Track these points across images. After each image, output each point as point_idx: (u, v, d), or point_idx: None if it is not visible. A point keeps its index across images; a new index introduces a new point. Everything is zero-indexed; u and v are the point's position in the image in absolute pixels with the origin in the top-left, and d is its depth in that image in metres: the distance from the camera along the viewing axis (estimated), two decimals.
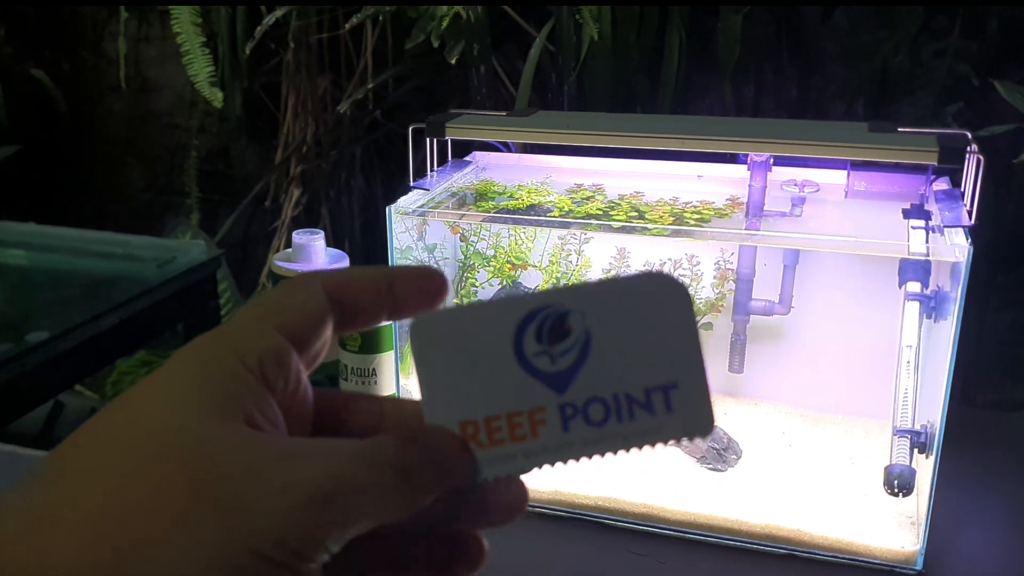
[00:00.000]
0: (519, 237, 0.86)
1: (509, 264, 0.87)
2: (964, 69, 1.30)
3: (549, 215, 0.80)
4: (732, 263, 0.85)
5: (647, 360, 0.28)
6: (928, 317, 0.75)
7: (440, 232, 0.89)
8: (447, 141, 0.87)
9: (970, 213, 0.70)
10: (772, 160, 0.82)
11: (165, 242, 1.22)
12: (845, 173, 0.84)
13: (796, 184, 0.84)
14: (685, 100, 1.35)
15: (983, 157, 0.68)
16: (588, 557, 0.76)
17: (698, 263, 0.85)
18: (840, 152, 0.74)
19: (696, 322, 0.28)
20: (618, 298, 0.29)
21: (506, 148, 0.92)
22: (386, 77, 1.45)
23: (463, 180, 0.89)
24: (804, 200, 0.83)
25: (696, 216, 0.81)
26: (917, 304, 0.75)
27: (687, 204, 0.83)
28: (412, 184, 0.83)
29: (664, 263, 0.85)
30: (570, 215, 0.79)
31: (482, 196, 0.86)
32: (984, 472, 0.85)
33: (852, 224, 0.81)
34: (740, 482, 0.80)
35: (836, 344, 0.87)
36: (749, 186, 0.82)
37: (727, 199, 0.84)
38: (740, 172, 0.84)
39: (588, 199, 0.84)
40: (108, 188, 1.78)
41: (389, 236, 0.79)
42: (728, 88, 1.32)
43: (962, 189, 0.74)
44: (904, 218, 0.77)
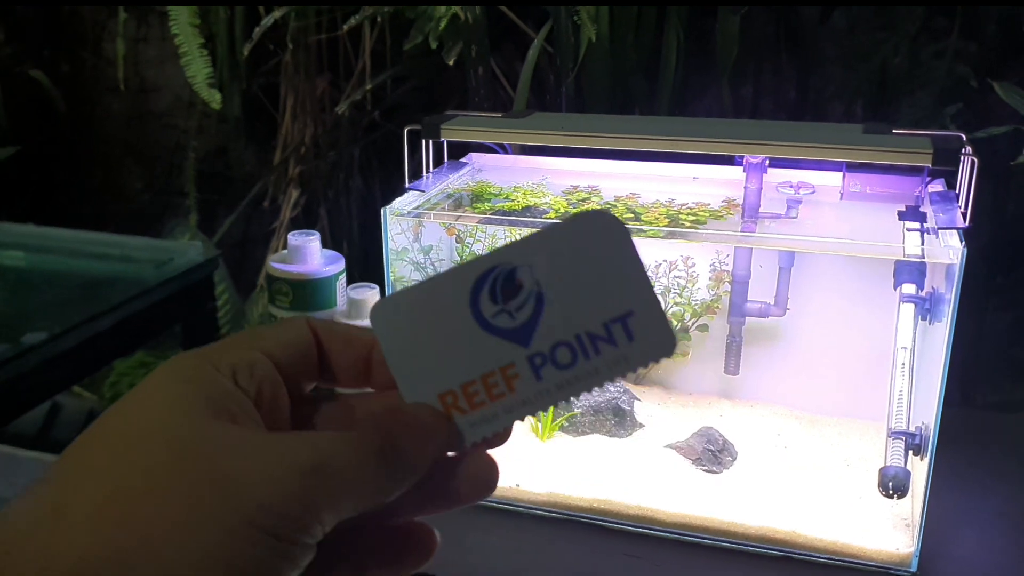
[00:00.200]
0: (515, 239, 0.86)
1: None
2: (963, 70, 1.30)
3: (545, 217, 0.80)
4: (728, 265, 0.85)
5: (599, 296, 0.29)
6: (923, 319, 0.75)
7: (436, 233, 0.89)
8: (443, 143, 0.87)
9: (964, 215, 0.70)
10: (768, 162, 0.82)
11: (162, 243, 1.22)
12: (841, 175, 0.83)
13: (792, 186, 0.84)
14: (683, 101, 1.35)
15: (977, 159, 0.68)
16: (583, 559, 0.76)
17: (693, 265, 0.85)
18: (834, 154, 0.73)
19: (637, 250, 0.29)
20: (559, 244, 0.29)
21: (502, 150, 0.92)
22: (384, 78, 1.45)
23: (459, 181, 0.89)
24: (800, 202, 0.83)
25: (692, 218, 0.81)
26: (912, 306, 0.75)
27: (683, 206, 0.83)
28: (408, 185, 0.83)
29: (659, 264, 0.85)
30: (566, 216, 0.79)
31: (478, 198, 0.86)
32: (981, 474, 0.85)
33: (847, 226, 0.81)
34: (735, 484, 0.80)
35: (832, 346, 0.87)
36: (745, 188, 0.82)
37: (723, 201, 0.84)
38: (736, 174, 0.84)
39: (584, 201, 0.84)
40: (107, 189, 1.79)
41: (384, 237, 0.79)
42: (726, 89, 1.32)
43: (957, 191, 0.74)
44: (899, 220, 0.77)
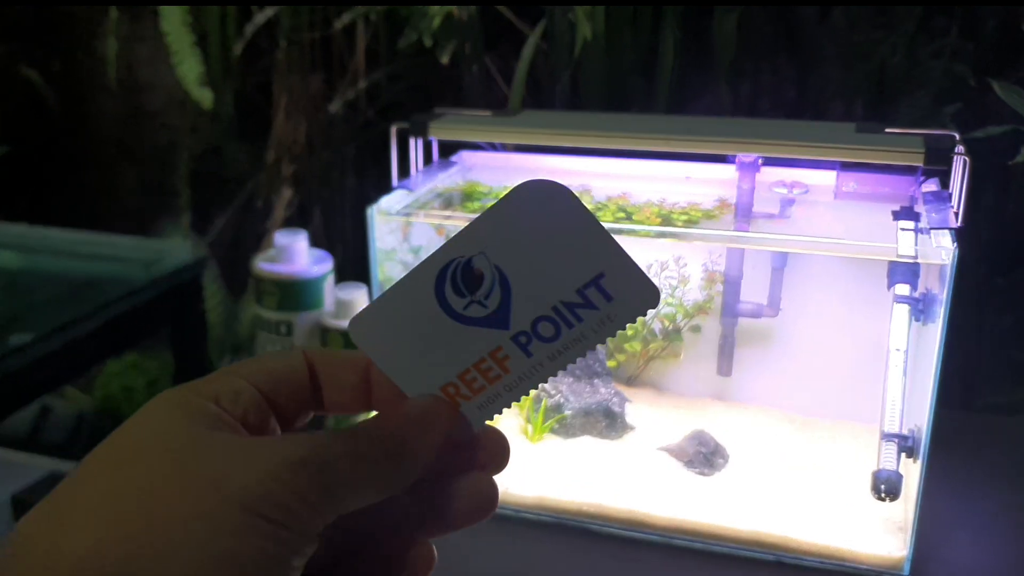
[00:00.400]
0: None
1: None
2: (961, 69, 1.29)
3: None
4: (720, 265, 0.84)
5: (564, 264, 0.29)
6: (917, 320, 0.74)
7: (426, 233, 0.88)
8: (433, 141, 0.86)
9: (957, 215, 0.69)
10: (761, 161, 0.81)
11: (151, 243, 1.21)
12: (835, 174, 0.82)
13: (785, 185, 0.83)
14: (681, 100, 1.33)
15: (970, 159, 0.67)
16: (573, 564, 0.75)
17: (685, 265, 0.84)
18: (825, 153, 0.73)
19: (590, 211, 0.29)
20: (506, 222, 0.29)
21: (493, 148, 0.91)
22: (379, 77, 1.44)
23: (448, 180, 0.88)
24: (793, 201, 0.82)
25: (684, 218, 0.81)
26: (906, 307, 0.74)
27: (675, 205, 0.82)
28: (395, 184, 0.82)
29: (651, 265, 0.84)
30: None
31: (468, 197, 0.85)
32: (976, 477, 0.84)
33: (841, 226, 0.80)
34: (727, 487, 0.79)
35: (825, 347, 0.86)
36: (738, 187, 0.82)
37: (716, 200, 0.83)
38: (729, 173, 0.83)
39: None
40: (101, 188, 1.78)
41: (370, 237, 0.78)
42: (724, 88, 1.31)
43: (951, 190, 0.73)
44: (894, 220, 0.76)
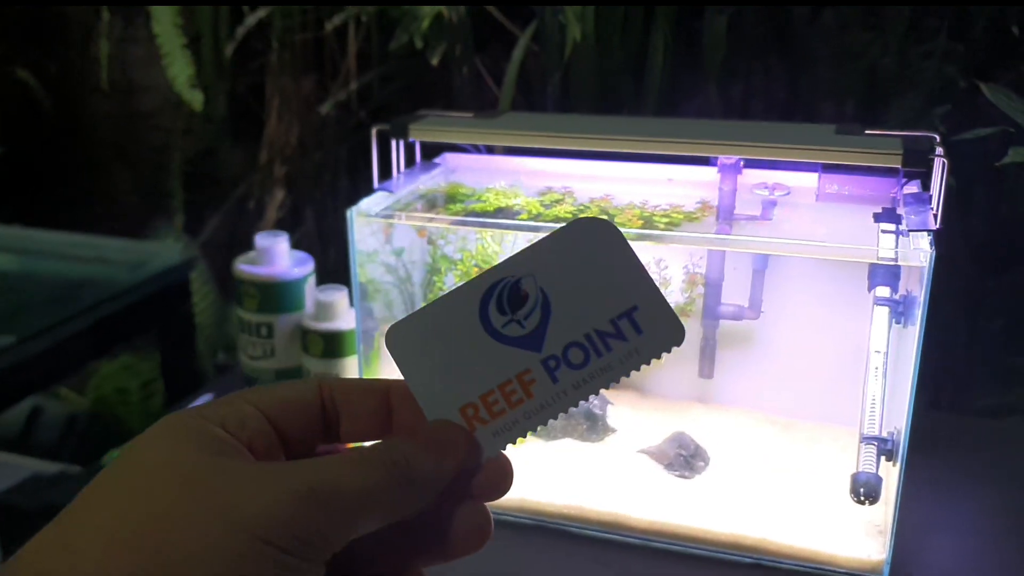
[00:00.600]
0: (487, 240, 0.86)
1: (476, 268, 0.86)
2: (952, 71, 1.28)
3: (518, 218, 0.79)
4: (701, 267, 0.84)
5: (603, 295, 0.31)
6: (897, 322, 0.74)
7: (408, 236, 0.88)
8: (415, 143, 0.86)
9: (936, 217, 0.69)
10: (742, 163, 0.81)
11: (139, 245, 1.21)
12: (817, 176, 0.82)
13: (767, 187, 0.83)
14: (672, 101, 1.33)
15: (948, 160, 0.67)
16: (553, 566, 0.75)
17: (666, 267, 0.84)
18: (804, 155, 0.72)
19: (632, 249, 0.31)
20: (558, 251, 0.31)
21: (476, 150, 0.91)
22: (370, 78, 1.44)
23: (431, 182, 0.88)
24: (775, 203, 0.82)
25: (665, 220, 0.80)
26: (886, 309, 0.74)
27: (656, 207, 0.81)
28: (376, 186, 0.82)
29: None
30: (539, 218, 0.78)
31: (451, 199, 0.85)
32: (959, 480, 0.84)
33: (822, 228, 0.80)
34: (707, 489, 0.79)
35: (806, 349, 0.86)
36: (719, 189, 0.81)
37: (697, 202, 0.82)
38: (711, 175, 0.83)
39: (557, 202, 0.83)
40: (95, 190, 1.78)
41: (350, 239, 0.78)
42: (714, 89, 1.31)
43: (931, 192, 0.72)
44: (875, 222, 0.76)
